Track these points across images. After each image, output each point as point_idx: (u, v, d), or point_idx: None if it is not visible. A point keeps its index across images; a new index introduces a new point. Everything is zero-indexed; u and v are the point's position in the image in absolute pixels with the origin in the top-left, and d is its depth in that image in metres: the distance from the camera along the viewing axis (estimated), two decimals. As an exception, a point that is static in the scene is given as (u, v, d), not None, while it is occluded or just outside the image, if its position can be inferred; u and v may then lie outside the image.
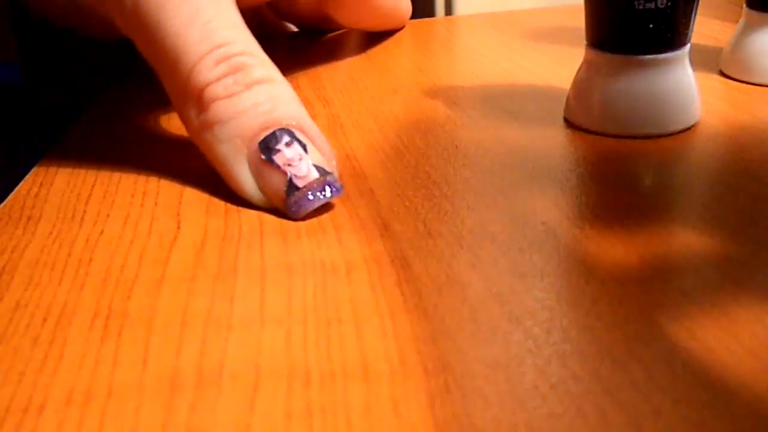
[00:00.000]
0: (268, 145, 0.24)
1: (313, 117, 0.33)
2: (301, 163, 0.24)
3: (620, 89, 0.29)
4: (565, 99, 0.32)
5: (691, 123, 0.30)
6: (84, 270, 0.22)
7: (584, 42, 0.30)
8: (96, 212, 0.26)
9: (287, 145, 0.24)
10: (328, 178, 0.24)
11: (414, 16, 0.53)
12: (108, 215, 0.25)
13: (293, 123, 0.25)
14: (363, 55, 0.42)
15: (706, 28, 0.44)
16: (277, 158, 0.24)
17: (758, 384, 0.16)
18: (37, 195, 0.27)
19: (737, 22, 0.36)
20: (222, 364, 0.18)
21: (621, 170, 0.26)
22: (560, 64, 0.38)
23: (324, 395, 0.16)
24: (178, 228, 0.24)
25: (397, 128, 0.31)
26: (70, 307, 0.20)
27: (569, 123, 0.31)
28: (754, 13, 0.34)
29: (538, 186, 0.26)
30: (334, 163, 0.26)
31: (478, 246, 0.22)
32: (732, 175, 0.26)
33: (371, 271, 0.21)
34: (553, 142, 0.29)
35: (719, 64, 0.36)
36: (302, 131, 0.25)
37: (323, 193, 0.24)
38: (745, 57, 0.35)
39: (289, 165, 0.24)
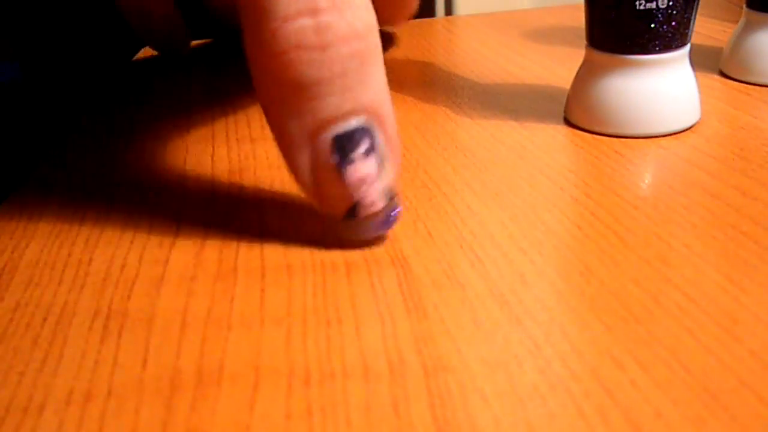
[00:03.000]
0: (343, 146, 0.20)
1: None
2: (373, 187, 0.21)
3: (620, 89, 0.29)
4: (565, 99, 0.32)
5: (691, 123, 0.30)
6: (84, 270, 0.22)
7: (584, 42, 0.30)
8: (96, 212, 0.26)
9: (366, 154, 0.20)
10: (391, 207, 0.22)
11: (414, 16, 0.53)
12: (108, 215, 0.25)
13: (377, 110, 0.21)
14: (363, 55, 0.42)
15: (706, 28, 0.44)
16: (350, 171, 0.20)
17: (758, 384, 0.16)
18: (37, 195, 0.27)
19: (737, 22, 0.36)
20: (222, 364, 0.18)
21: (621, 170, 0.26)
22: (560, 64, 0.38)
23: (324, 395, 0.16)
24: (178, 228, 0.24)
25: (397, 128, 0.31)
26: (70, 307, 0.20)
27: (569, 123, 0.31)
28: (754, 13, 0.34)
29: (538, 186, 0.26)
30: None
31: (478, 246, 0.22)
32: (732, 175, 0.26)
33: (371, 271, 0.21)
34: (553, 142, 0.29)
35: (719, 64, 0.36)
36: (381, 124, 0.21)
37: (384, 225, 0.22)
38: (745, 57, 0.35)
39: (359, 186, 0.20)
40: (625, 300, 0.19)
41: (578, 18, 0.31)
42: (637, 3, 0.28)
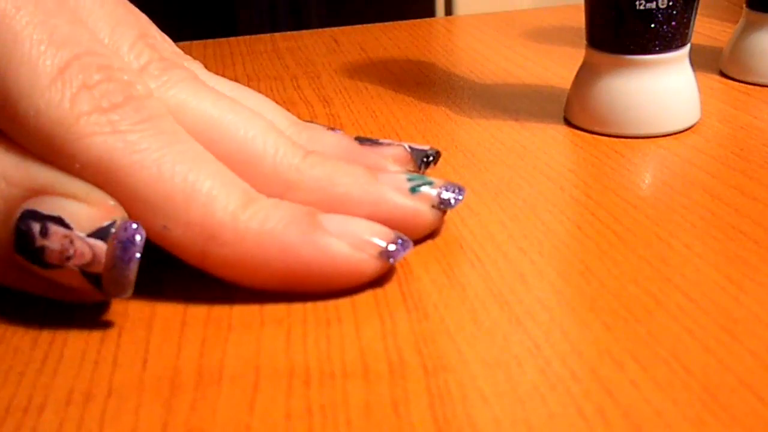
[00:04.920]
0: (24, 247, 0.18)
1: (313, 117, 0.33)
2: (75, 244, 0.18)
3: (620, 89, 0.29)
4: (565, 99, 0.32)
5: (691, 123, 0.30)
6: (84, 270, 0.22)
7: (584, 42, 0.30)
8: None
9: (43, 234, 0.18)
10: (121, 234, 0.18)
11: (414, 16, 0.53)
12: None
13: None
14: (363, 55, 0.42)
15: (706, 28, 0.44)
16: (49, 256, 0.18)
17: (758, 384, 0.16)
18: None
19: (737, 22, 0.36)
20: (222, 364, 0.18)
21: (621, 170, 0.26)
22: (560, 64, 0.38)
23: (324, 395, 0.16)
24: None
25: (397, 128, 0.31)
26: (70, 307, 0.20)
27: (569, 123, 0.31)
28: (754, 13, 0.34)
29: (538, 186, 0.26)
30: (111, 203, 0.19)
31: (478, 246, 0.22)
32: (732, 175, 0.26)
33: (371, 271, 0.21)
34: (553, 142, 0.29)
35: (719, 64, 0.36)
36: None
37: (126, 251, 0.18)
38: (745, 57, 0.35)
39: (67, 258, 0.18)
40: (625, 300, 0.19)
41: (578, 18, 0.31)
42: (637, 3, 0.28)
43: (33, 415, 0.16)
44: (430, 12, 0.77)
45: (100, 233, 0.18)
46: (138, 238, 0.18)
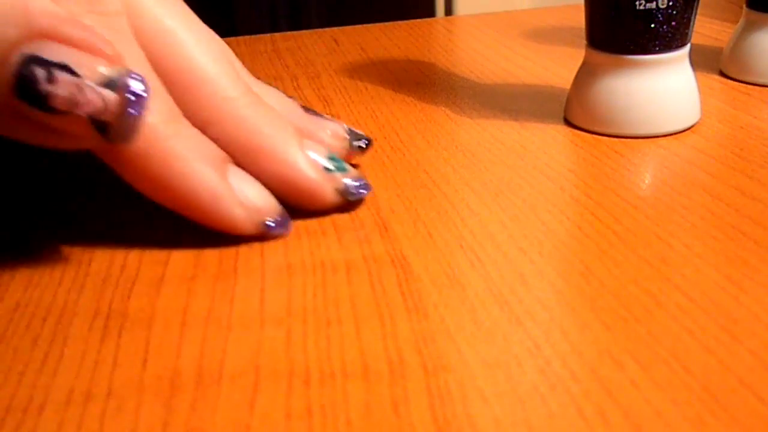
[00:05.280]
0: (27, 91, 0.18)
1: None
2: (85, 92, 0.18)
3: (620, 89, 0.29)
4: (565, 99, 0.32)
5: (691, 123, 0.30)
6: (84, 270, 0.22)
7: (584, 42, 0.30)
8: (96, 211, 0.26)
9: (50, 80, 0.18)
10: (130, 84, 0.19)
11: (414, 16, 0.53)
12: (108, 215, 0.25)
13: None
14: (363, 55, 0.42)
15: (706, 28, 0.44)
16: (54, 102, 0.18)
17: (758, 384, 0.16)
18: (37, 195, 0.27)
19: (737, 22, 0.36)
20: (222, 364, 0.18)
21: (621, 170, 0.26)
22: (560, 64, 0.38)
23: (324, 395, 0.16)
24: (178, 228, 0.24)
25: (397, 128, 0.31)
26: (70, 307, 0.20)
27: (569, 123, 0.31)
28: (754, 13, 0.34)
29: (538, 186, 0.26)
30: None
31: (478, 246, 0.22)
32: (732, 175, 0.26)
33: (371, 271, 0.21)
34: (553, 142, 0.29)
35: (719, 64, 0.36)
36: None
37: (136, 107, 0.19)
38: (745, 57, 0.35)
39: (75, 104, 0.18)
40: (625, 300, 0.19)
41: (578, 18, 0.31)
42: (637, 3, 0.28)
43: (33, 415, 0.16)
44: (430, 12, 0.77)
45: (108, 82, 0.18)
46: (142, 88, 0.19)
